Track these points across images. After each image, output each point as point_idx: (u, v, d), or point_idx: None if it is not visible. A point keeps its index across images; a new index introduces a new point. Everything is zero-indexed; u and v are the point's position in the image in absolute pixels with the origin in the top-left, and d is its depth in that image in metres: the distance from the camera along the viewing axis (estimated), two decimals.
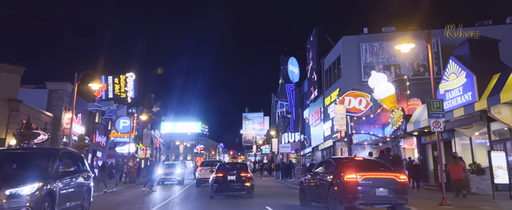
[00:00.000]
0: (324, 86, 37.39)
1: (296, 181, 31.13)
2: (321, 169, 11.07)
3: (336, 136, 31.95)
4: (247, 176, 16.43)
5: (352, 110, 25.30)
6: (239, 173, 16.46)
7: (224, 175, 16.16)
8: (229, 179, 16.05)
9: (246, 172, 16.91)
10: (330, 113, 34.45)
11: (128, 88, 59.41)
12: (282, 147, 40.13)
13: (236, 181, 16.09)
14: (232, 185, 16.03)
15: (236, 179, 16.13)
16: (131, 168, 29.20)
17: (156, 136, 75.75)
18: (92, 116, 39.39)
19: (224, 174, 16.25)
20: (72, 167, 8.39)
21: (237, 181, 16.08)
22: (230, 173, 16.37)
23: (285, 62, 49.56)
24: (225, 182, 16.01)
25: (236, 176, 16.23)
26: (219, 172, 16.64)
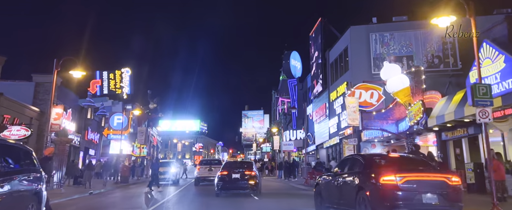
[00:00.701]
0: (329, 80, 35.33)
1: (300, 180, 29.10)
2: (344, 168, 8.99)
3: (343, 133, 29.90)
4: (251, 174, 16.35)
5: (363, 103, 23.23)
6: (244, 171, 16.48)
7: (229, 173, 16.24)
8: (233, 177, 16.09)
9: (251, 170, 16.82)
10: (336, 108, 32.42)
11: (124, 84, 57.03)
12: (285, 145, 38.07)
13: (240, 179, 16.12)
14: (236, 183, 16.09)
15: (241, 177, 16.16)
16: (123, 167, 27.11)
17: (153, 133, 73.70)
18: (84, 112, 37.29)
19: (228, 172, 16.30)
20: (11, 165, 6.09)
21: (241, 179, 16.11)
22: (235, 171, 16.40)
23: (287, 57, 47.51)
24: (230, 180, 16.06)
25: (240, 174, 16.27)
26: (224, 170, 16.79)
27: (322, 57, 36.35)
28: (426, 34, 27.33)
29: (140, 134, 33.15)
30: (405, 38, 27.72)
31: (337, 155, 32.76)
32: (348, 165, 8.78)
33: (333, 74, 34.40)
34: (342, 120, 30.80)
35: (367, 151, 27.41)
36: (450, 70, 26.62)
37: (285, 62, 47.35)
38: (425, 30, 27.34)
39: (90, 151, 40.15)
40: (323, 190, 9.67)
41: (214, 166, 24.58)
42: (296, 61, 48.30)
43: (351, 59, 29.55)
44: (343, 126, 30.31)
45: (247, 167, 17.28)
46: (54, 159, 17.63)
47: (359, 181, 7.54)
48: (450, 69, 26.64)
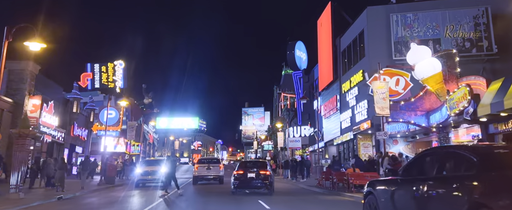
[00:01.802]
0: (340, 70, 31.86)
1: (310, 181, 25.68)
2: (424, 169, 5.49)
3: (358, 127, 26.46)
4: (266, 174, 16.88)
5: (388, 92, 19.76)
6: (259, 170, 17.01)
7: (244, 173, 16.93)
8: (249, 176, 16.77)
9: (265, 170, 17.31)
10: (349, 100, 28.98)
11: (117, 78, 53.36)
12: (291, 141, 34.61)
13: (255, 178, 16.73)
14: (252, 182, 16.76)
15: (256, 176, 16.74)
16: (109, 166, 23.66)
17: (148, 130, 70.22)
18: (69, 105, 33.84)
19: (244, 171, 17.01)
20: None
21: (256, 178, 16.71)
22: (250, 170, 17.06)
23: (291, 47, 44.05)
24: (246, 179, 16.78)
25: (256, 174, 16.82)
26: (240, 169, 17.45)
27: (332, 45, 32.87)
28: (455, 14, 23.88)
29: (130, 129, 29.73)
30: (431, 18, 24.25)
31: (350, 152, 29.35)
32: (435, 164, 5.24)
33: (345, 63, 30.94)
34: (356, 113, 27.37)
35: (388, 148, 23.95)
36: (484, 55, 23.18)
37: (289, 53, 43.87)
38: (453, 9, 23.92)
39: (77, 148, 36.68)
40: (387, 203, 6.06)
41: (212, 165, 24.21)
42: (301, 52, 44.86)
43: (368, 44, 26.08)
44: (359, 119, 26.90)
45: (261, 166, 17.83)
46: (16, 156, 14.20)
47: (475, 192, 4.09)
48: (483, 54, 23.19)
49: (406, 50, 24.62)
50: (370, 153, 27.22)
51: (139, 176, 19.17)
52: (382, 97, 16.53)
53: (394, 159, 13.92)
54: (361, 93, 26.70)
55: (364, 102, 25.97)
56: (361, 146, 27.53)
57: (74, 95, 34.06)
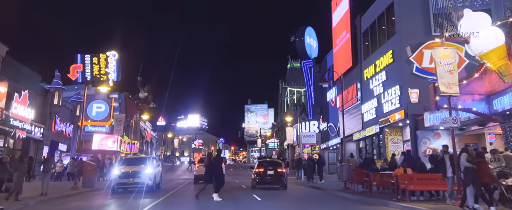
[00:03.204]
0: (361, 53, 27.55)
1: (330, 184, 21.39)
2: None
3: (387, 119, 22.16)
4: (283, 172, 19.50)
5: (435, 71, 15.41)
6: (277, 168, 19.39)
7: (264, 170, 19.26)
8: (268, 173, 19.11)
9: (281, 168, 19.76)
10: (373, 88, 24.70)
11: (110, 70, 49.31)
12: (305, 137, 30.23)
13: (274, 175, 19.06)
14: (270, 179, 19.08)
15: (274, 174, 19.11)
16: (87, 166, 19.46)
17: (146, 127, 65.98)
18: (49, 97, 29.58)
19: (264, 169, 19.31)
20: None
21: (274, 175, 19.05)
22: (269, 168, 19.29)
23: (301, 33, 39.71)
24: (265, 175, 19.08)
25: (274, 171, 19.18)
26: (260, 167, 19.66)
27: (351, 25, 28.55)
28: None
29: (117, 123, 25.51)
30: None
31: (376, 148, 25.05)
32: None
33: (367, 46, 26.65)
34: (384, 102, 23.07)
35: (428, 143, 19.64)
36: None
37: (298, 39, 39.50)
38: None
39: (61, 146, 32.41)
40: None
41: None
42: (311, 39, 40.51)
43: (400, 18, 21.77)
44: (387, 109, 22.60)
45: (278, 165, 19.98)
46: None
47: None
48: None
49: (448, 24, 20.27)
50: (400, 149, 22.93)
51: (116, 179, 14.86)
52: (448, 70, 12.14)
53: (480, 155, 9.70)
54: (390, 78, 22.40)
55: (395, 88, 21.66)
56: (389, 141, 23.22)
57: (55, 86, 29.78)
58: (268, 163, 20.21)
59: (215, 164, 14.08)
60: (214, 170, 13.85)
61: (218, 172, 13.99)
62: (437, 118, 17.96)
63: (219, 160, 14.49)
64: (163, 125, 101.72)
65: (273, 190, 18.91)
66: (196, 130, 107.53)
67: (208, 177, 13.86)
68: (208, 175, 13.87)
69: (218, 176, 13.89)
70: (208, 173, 13.90)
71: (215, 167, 13.96)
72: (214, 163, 14.07)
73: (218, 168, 14.08)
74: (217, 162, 14.25)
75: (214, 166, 13.96)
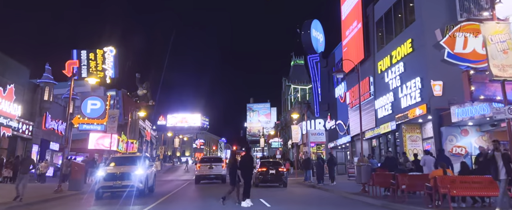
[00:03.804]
0: (374, 45, 25.54)
1: (343, 185, 19.40)
2: None
3: (406, 114, 20.14)
4: (283, 171, 21.21)
5: (470, 56, 13.41)
6: (278, 168, 20.94)
7: (267, 169, 20.74)
8: (270, 172, 20.53)
9: (282, 168, 21.55)
10: (389, 81, 22.69)
11: (107, 66, 47.50)
12: (313, 135, 28.19)
13: (275, 174, 20.49)
14: (271, 177, 20.51)
15: (275, 173, 20.52)
16: (74, 166, 17.52)
17: (145, 126, 64.05)
18: (38, 92, 27.69)
19: (267, 168, 20.80)
20: None
21: (276, 174, 20.50)
22: (270, 168, 20.81)
23: (307, 26, 37.71)
24: (267, 174, 20.51)
25: (275, 171, 20.63)
26: (262, 167, 21.22)
27: (362, 14, 26.54)
28: None
29: (110, 120, 23.56)
30: None
31: (392, 147, 23.04)
32: None
33: (382, 35, 24.64)
34: (402, 96, 21.05)
35: (454, 140, 17.60)
36: None
37: (304, 33, 37.52)
38: None
39: (52, 145, 30.47)
40: None
41: (215, 164, 23.90)
42: (317, 33, 38.52)
43: (419, 4, 19.76)
44: (406, 104, 20.59)
45: (278, 165, 21.56)
46: None
47: None
48: None
49: (476, 8, 18.29)
50: (419, 147, 20.93)
51: (101, 182, 12.79)
52: (501, 48, 10.06)
53: None
54: (409, 70, 20.38)
55: (415, 81, 19.64)
56: (407, 139, 21.22)
57: (46, 80, 27.89)
58: (270, 163, 22.07)
59: (244, 164, 12.10)
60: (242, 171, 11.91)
61: (247, 174, 11.98)
62: (467, 112, 15.93)
63: (249, 160, 12.47)
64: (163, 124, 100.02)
65: (279, 193, 17.02)
66: (197, 129, 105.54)
67: (234, 179, 11.85)
68: (234, 176, 11.86)
69: (246, 179, 11.89)
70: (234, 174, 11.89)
71: (243, 167, 11.99)
72: (243, 163, 12.12)
73: (247, 168, 12.06)
74: (246, 162, 12.23)
75: (242, 166, 11.99)
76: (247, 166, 12.11)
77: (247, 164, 12.16)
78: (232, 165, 12.18)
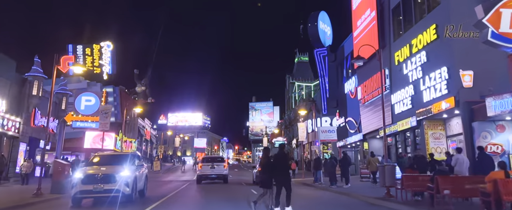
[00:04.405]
0: (390, 34, 23.48)
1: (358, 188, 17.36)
2: None
3: (429, 109, 18.05)
4: None
5: None
6: None
7: None
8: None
9: None
10: (408, 73, 20.65)
11: (104, 62, 45.68)
12: (324, 132, 26.04)
13: None
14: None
15: None
16: (57, 166, 15.52)
17: (145, 125, 62.10)
18: (26, 86, 25.69)
19: None
20: None
21: None
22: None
23: (313, 19, 35.65)
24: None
25: None
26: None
27: (376, 3, 24.48)
28: None
29: (102, 115, 21.44)
30: None
31: (411, 145, 20.99)
32: None
33: (400, 23, 22.59)
34: (424, 89, 18.99)
35: (489, 137, 15.50)
36: None
37: (311, 25, 35.45)
38: None
39: (42, 143, 28.43)
40: None
41: (216, 163, 23.67)
42: (325, 25, 36.46)
43: None
44: (429, 98, 18.54)
45: None
46: None
47: None
48: None
49: None
50: (442, 146, 18.87)
51: (78, 186, 10.64)
52: None
53: None
54: (433, 59, 18.30)
55: (440, 71, 17.57)
56: (429, 137, 19.15)
57: (34, 74, 25.87)
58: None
59: (278, 163, 10.08)
60: (277, 171, 9.91)
61: (284, 175, 9.96)
62: (506, 104, 13.81)
63: (284, 158, 10.47)
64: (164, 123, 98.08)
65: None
66: (198, 128, 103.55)
67: (267, 181, 9.94)
68: (267, 178, 9.95)
69: (285, 182, 9.92)
70: (267, 176, 9.97)
71: (278, 167, 9.97)
72: (277, 162, 10.10)
73: (283, 168, 10.03)
74: (281, 160, 10.21)
75: (276, 166, 9.98)
76: (280, 166, 10.03)
77: (280, 163, 10.10)
78: (266, 164, 10.25)
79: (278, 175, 9.87)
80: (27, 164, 20.76)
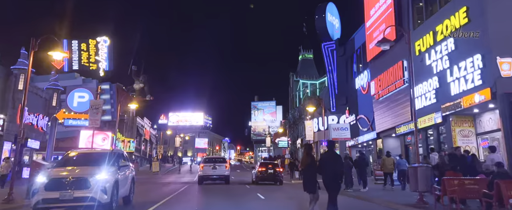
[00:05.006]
0: (409, 22, 21.38)
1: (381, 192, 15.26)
2: None
3: (459, 103, 15.96)
4: (279, 171, 24.50)
5: None
6: (275, 168, 24.14)
7: (265, 169, 23.87)
8: (268, 171, 23.59)
9: (278, 168, 25.14)
10: (432, 64, 18.64)
11: (100, 58, 43.60)
12: (335, 130, 23.84)
13: (272, 173, 23.53)
14: (269, 176, 23.49)
15: (273, 172, 23.58)
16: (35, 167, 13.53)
17: (144, 124, 60.08)
18: (11, 80, 23.72)
19: (266, 168, 23.96)
20: None
21: (273, 174, 23.54)
22: (269, 167, 24.07)
23: (321, 10, 33.56)
24: (266, 173, 23.55)
25: (273, 170, 23.74)
26: (262, 167, 24.49)
27: None
28: None
29: (92, 111, 19.39)
30: None
31: (435, 143, 18.91)
32: None
33: (421, 8, 20.52)
34: (452, 80, 16.91)
35: None
36: None
37: (318, 17, 33.35)
38: None
39: (30, 142, 26.45)
40: None
41: (218, 164, 23.78)
42: (333, 17, 34.36)
43: None
44: (458, 90, 16.44)
45: (275, 166, 25.18)
46: None
47: None
48: None
49: None
50: (472, 144, 16.77)
51: (41, 192, 8.27)
52: None
53: None
54: (463, 47, 16.21)
55: (472, 59, 15.49)
56: (457, 134, 17.05)
57: (20, 66, 23.89)
58: (268, 164, 25.50)
59: (328, 165, 8.26)
60: (325, 175, 8.17)
61: (333, 181, 8.21)
62: None
63: (335, 159, 8.64)
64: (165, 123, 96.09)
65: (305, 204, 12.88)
66: (200, 128, 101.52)
67: (310, 185, 8.28)
68: (313, 182, 8.27)
69: (333, 189, 8.24)
70: (313, 180, 8.27)
71: (327, 170, 8.17)
72: (326, 164, 8.29)
73: (332, 172, 8.23)
74: (331, 162, 8.38)
75: (325, 169, 8.17)
76: (333, 169, 8.18)
77: (333, 165, 8.25)
78: (309, 165, 8.42)
79: (326, 179, 8.06)
80: (5, 164, 18.74)
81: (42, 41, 14.14)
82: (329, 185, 8.11)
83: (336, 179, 8.18)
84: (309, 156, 8.61)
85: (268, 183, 23.12)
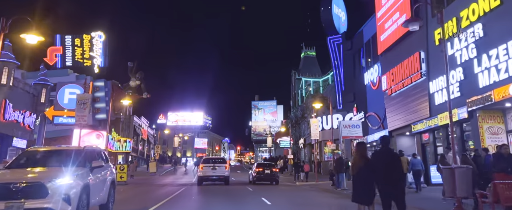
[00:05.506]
0: (427, 9, 19.57)
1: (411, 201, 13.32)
2: None
3: (489, 96, 14.17)
4: (276, 171, 25.58)
5: None
6: (271, 169, 25.18)
7: (262, 170, 24.83)
8: (266, 172, 24.60)
9: (275, 168, 26.06)
10: (455, 53, 16.81)
11: (95, 54, 41.70)
12: (346, 127, 22.03)
13: (269, 174, 24.60)
14: (266, 176, 24.54)
15: (270, 172, 24.68)
16: None
17: (141, 124, 58.26)
18: None
19: (263, 169, 24.96)
20: None
21: (269, 174, 24.60)
22: (266, 168, 25.24)
23: (327, 2, 31.82)
24: (263, 173, 24.51)
25: (270, 170, 24.82)
26: (259, 167, 25.39)
27: None
28: None
29: (79, 107, 17.56)
30: None
31: (457, 142, 17.00)
32: None
33: None
34: (479, 71, 15.12)
35: None
36: None
37: (324, 9, 31.59)
38: None
39: (16, 141, 24.63)
40: None
41: (217, 164, 23.48)
42: (339, 10, 32.60)
43: None
44: (487, 82, 14.64)
45: (272, 166, 26.26)
46: None
47: None
48: None
49: None
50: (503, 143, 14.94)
51: None
52: None
53: None
54: (494, 33, 14.45)
55: (507, 45, 13.73)
56: (485, 132, 15.26)
57: (4, 59, 22.05)
58: (265, 165, 26.56)
59: (385, 165, 6.50)
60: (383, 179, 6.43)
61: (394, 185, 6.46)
62: None
63: (393, 158, 6.83)
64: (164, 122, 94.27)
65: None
66: (199, 128, 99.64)
67: (365, 194, 6.70)
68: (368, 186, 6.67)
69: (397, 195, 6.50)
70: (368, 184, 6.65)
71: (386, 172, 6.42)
72: (382, 164, 6.51)
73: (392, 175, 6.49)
74: (389, 161, 6.61)
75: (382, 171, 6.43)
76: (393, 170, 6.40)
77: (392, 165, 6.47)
78: (362, 167, 6.79)
79: (385, 183, 6.30)
80: None
81: (16, 23, 12.28)
82: (388, 190, 6.27)
83: (397, 183, 6.35)
84: (364, 158, 6.81)
85: (266, 183, 24.31)
